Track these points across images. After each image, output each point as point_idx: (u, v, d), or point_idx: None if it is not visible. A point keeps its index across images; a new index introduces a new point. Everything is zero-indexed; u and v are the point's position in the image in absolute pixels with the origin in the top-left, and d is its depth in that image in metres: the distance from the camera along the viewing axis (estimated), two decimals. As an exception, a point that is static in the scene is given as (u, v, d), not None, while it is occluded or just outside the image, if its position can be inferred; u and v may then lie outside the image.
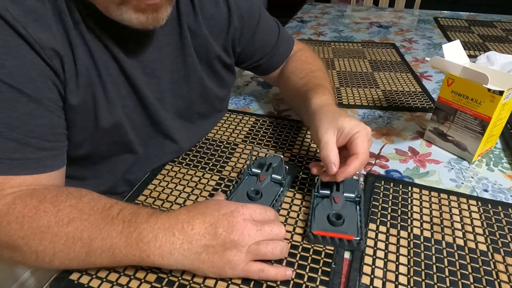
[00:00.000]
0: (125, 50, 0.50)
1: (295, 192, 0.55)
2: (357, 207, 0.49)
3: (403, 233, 0.48)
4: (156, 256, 0.39)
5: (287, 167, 0.54)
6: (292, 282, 0.42)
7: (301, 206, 0.53)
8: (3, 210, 0.39)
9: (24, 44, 0.40)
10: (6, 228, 0.39)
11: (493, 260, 0.45)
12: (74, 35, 0.44)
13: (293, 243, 0.47)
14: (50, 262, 0.40)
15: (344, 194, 0.51)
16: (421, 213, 0.51)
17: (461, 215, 0.51)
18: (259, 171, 0.55)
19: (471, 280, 0.42)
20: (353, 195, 0.50)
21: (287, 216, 0.51)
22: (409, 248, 0.46)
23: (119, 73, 0.50)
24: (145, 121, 0.56)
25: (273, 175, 0.54)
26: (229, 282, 0.42)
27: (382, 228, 0.49)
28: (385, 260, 0.45)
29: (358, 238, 0.44)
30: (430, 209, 0.52)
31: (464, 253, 0.45)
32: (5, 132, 0.39)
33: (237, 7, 0.62)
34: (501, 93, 0.53)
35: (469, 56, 0.66)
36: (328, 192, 0.51)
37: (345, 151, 0.50)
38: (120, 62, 0.50)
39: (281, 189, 0.53)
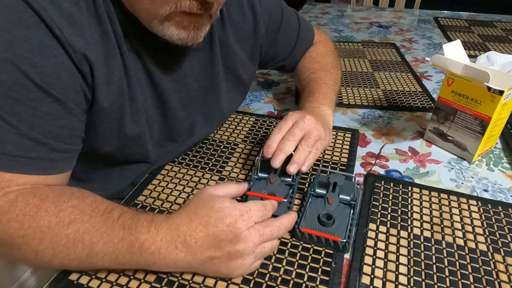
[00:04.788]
0: (158, 61, 0.51)
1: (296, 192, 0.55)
2: (351, 210, 0.49)
3: (403, 233, 0.48)
4: (161, 265, 0.40)
5: None
6: (292, 281, 0.42)
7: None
8: (5, 207, 0.39)
9: (58, 45, 0.40)
10: (5, 226, 0.38)
11: (493, 260, 0.45)
12: (112, 44, 0.44)
13: (293, 242, 0.47)
14: (49, 261, 0.39)
15: (340, 196, 0.51)
16: (421, 213, 0.51)
17: (461, 215, 0.51)
18: (266, 175, 0.55)
19: (471, 280, 0.42)
20: (348, 198, 0.50)
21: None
22: (409, 248, 0.46)
23: (147, 83, 0.51)
24: (161, 129, 0.57)
25: (281, 178, 0.54)
26: (229, 282, 0.42)
27: (382, 228, 0.49)
28: (385, 260, 0.45)
29: (344, 241, 0.45)
30: (430, 209, 0.52)
31: (464, 253, 0.45)
32: (24, 130, 0.39)
33: (263, 14, 0.64)
34: (501, 93, 0.53)
35: (469, 56, 0.66)
36: (324, 192, 0.51)
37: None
38: (150, 73, 0.51)
39: (291, 189, 0.53)
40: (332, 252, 0.45)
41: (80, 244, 0.39)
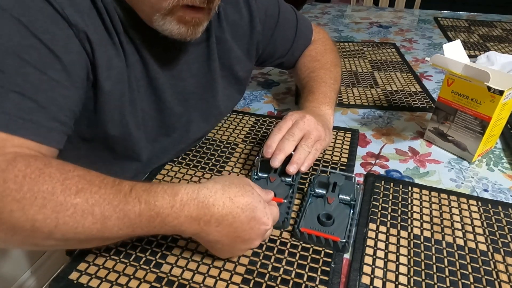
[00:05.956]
0: (155, 55, 0.51)
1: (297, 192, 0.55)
2: (351, 210, 0.49)
3: (403, 233, 0.48)
4: (176, 233, 0.40)
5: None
6: (291, 281, 0.42)
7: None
8: (2, 166, 0.34)
9: (65, 22, 0.40)
10: (0, 187, 0.33)
11: (493, 260, 0.45)
12: (111, 34, 0.45)
13: (292, 242, 0.47)
14: (48, 234, 0.34)
15: (340, 196, 0.51)
16: (421, 213, 0.51)
17: (461, 215, 0.51)
18: (266, 175, 0.55)
19: (471, 280, 0.42)
20: (348, 198, 0.51)
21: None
22: (409, 248, 0.46)
23: (143, 76, 0.51)
24: (155, 124, 0.57)
25: (281, 178, 0.54)
26: (229, 282, 0.42)
27: (382, 228, 0.49)
28: (385, 260, 0.45)
29: (344, 241, 0.45)
30: (430, 209, 0.52)
31: (464, 253, 0.45)
32: (28, 91, 0.37)
33: (258, 11, 0.64)
34: (501, 93, 0.53)
35: (469, 56, 0.66)
36: (324, 192, 0.51)
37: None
38: (147, 66, 0.51)
39: (291, 189, 0.53)
40: (331, 252, 0.45)
41: (90, 216, 0.35)
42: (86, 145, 0.51)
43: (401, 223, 0.49)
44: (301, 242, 0.47)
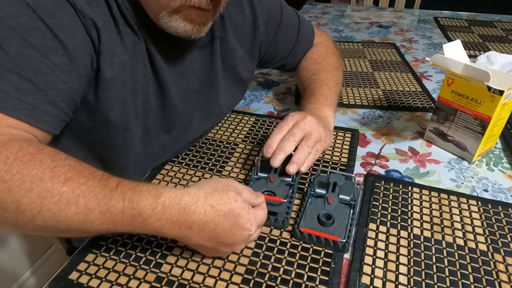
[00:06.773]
0: (160, 51, 0.52)
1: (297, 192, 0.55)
2: (351, 210, 0.49)
3: (403, 233, 0.48)
4: (157, 234, 0.40)
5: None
6: (291, 281, 0.42)
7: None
8: None
9: (72, 9, 0.41)
10: None
11: (493, 260, 0.45)
12: (118, 21, 0.46)
13: (292, 242, 0.47)
14: (31, 219, 0.35)
15: (340, 196, 0.51)
16: (421, 213, 0.51)
17: (461, 215, 0.51)
18: (266, 175, 0.55)
19: (471, 280, 0.42)
20: (348, 198, 0.51)
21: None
22: (409, 248, 0.46)
23: (149, 70, 0.52)
24: (157, 120, 0.57)
25: (281, 178, 0.54)
26: (229, 282, 0.42)
27: (382, 228, 0.49)
28: (385, 260, 0.45)
29: (344, 241, 0.45)
30: (430, 209, 0.52)
31: (464, 253, 0.45)
32: (28, 73, 0.38)
33: (262, 13, 0.65)
34: (501, 93, 0.53)
35: (469, 56, 0.66)
36: (324, 192, 0.51)
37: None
38: (152, 61, 0.51)
39: (291, 189, 0.53)
40: (331, 252, 0.45)
41: (73, 206, 0.35)
42: (86, 138, 0.51)
43: (401, 223, 0.50)
44: (301, 242, 0.47)
